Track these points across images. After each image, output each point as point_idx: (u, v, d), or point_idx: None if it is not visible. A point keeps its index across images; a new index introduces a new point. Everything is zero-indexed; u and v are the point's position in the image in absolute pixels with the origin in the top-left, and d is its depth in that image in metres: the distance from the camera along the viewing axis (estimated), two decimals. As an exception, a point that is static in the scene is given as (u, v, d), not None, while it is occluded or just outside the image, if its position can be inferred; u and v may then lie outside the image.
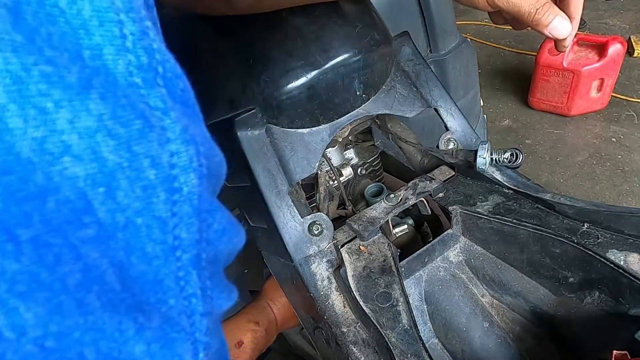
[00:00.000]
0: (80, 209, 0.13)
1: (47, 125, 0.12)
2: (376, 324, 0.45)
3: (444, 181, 0.58)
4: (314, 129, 0.53)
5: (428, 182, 0.57)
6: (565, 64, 1.95)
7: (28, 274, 0.12)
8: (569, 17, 0.43)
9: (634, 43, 2.40)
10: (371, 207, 0.55)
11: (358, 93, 0.53)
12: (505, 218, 0.50)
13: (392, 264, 0.50)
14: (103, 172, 0.14)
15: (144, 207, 0.15)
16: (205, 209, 0.17)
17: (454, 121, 0.59)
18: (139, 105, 0.15)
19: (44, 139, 0.12)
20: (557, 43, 0.45)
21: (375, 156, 0.72)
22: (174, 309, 0.16)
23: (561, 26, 0.42)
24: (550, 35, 0.43)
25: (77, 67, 0.13)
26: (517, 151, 0.53)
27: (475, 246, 0.54)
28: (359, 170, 0.70)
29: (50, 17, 0.13)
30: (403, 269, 0.51)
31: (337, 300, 0.51)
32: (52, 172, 0.13)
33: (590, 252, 0.44)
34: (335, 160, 0.67)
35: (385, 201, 0.55)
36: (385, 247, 0.52)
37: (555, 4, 0.43)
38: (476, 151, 0.54)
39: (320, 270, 0.51)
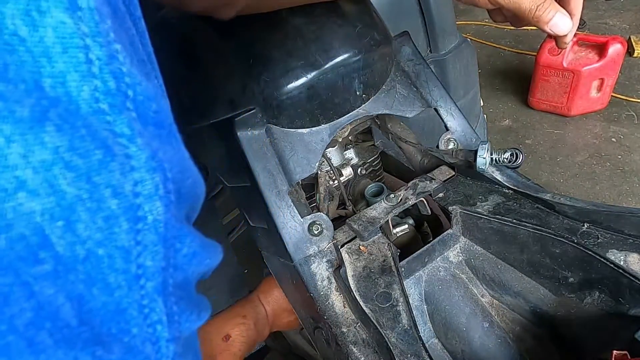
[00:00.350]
0: (35, 245, 0.13)
1: None
2: (376, 324, 0.45)
3: (444, 181, 0.58)
4: (314, 129, 0.53)
5: (428, 182, 0.57)
6: (565, 64, 1.95)
7: None
8: (570, 14, 0.43)
9: (634, 43, 2.40)
10: (371, 207, 0.55)
11: (358, 93, 0.53)
12: (505, 218, 0.50)
13: (392, 264, 0.50)
14: (61, 205, 0.13)
15: (105, 237, 0.15)
16: (173, 235, 0.17)
17: (454, 121, 0.59)
18: (102, 133, 0.14)
19: None
20: (558, 40, 0.45)
21: (375, 156, 0.72)
22: (137, 338, 0.16)
23: (562, 23, 0.42)
24: (551, 32, 0.43)
25: (32, 99, 0.13)
26: (517, 151, 0.53)
27: (475, 246, 0.54)
28: (359, 170, 0.70)
29: (8, 47, 0.13)
30: (403, 269, 0.51)
31: (337, 300, 0.51)
32: (5, 209, 0.12)
33: (590, 252, 0.44)
34: (335, 160, 0.67)
35: (385, 201, 0.55)
36: (385, 247, 0.52)
37: (555, 0, 0.43)
38: (476, 151, 0.54)
39: (320, 270, 0.51)
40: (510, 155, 0.53)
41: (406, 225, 0.61)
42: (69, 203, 0.14)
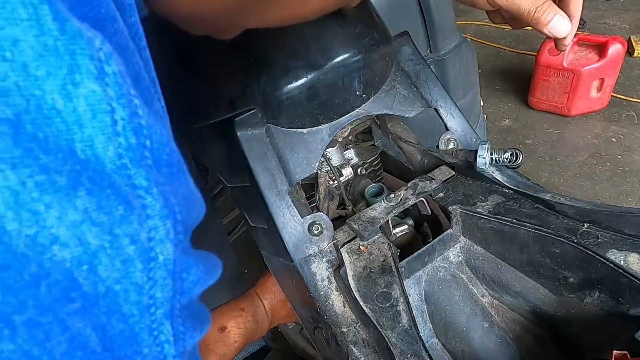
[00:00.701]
0: (67, 287, 0.15)
1: (39, 223, 0.14)
2: (376, 324, 0.45)
3: (444, 181, 0.58)
4: (313, 129, 0.53)
5: (428, 182, 0.57)
6: (565, 64, 1.95)
7: (21, 352, 0.14)
8: (569, 16, 0.43)
9: (634, 43, 2.40)
10: (371, 207, 0.55)
11: (358, 93, 0.53)
12: (505, 218, 0.50)
13: (392, 264, 0.50)
14: (87, 253, 0.16)
15: (122, 276, 0.17)
16: (180, 268, 0.19)
17: (454, 121, 0.59)
18: (124, 189, 0.17)
19: (36, 234, 0.14)
20: (557, 42, 0.45)
21: (375, 156, 0.72)
22: (148, 356, 0.18)
23: (561, 25, 0.42)
24: (550, 34, 0.43)
25: (68, 166, 0.15)
26: (517, 151, 0.53)
27: (475, 246, 0.54)
28: (359, 170, 0.70)
29: (47, 120, 0.15)
30: (403, 269, 0.51)
31: (337, 300, 0.51)
32: (43, 260, 0.15)
33: (590, 252, 0.44)
34: (335, 160, 0.67)
35: (385, 201, 0.55)
36: (385, 247, 0.52)
37: (555, 2, 0.43)
38: (476, 151, 0.54)
39: (320, 270, 0.51)
40: (510, 155, 0.53)
41: (406, 226, 0.61)
42: (93, 251, 0.16)
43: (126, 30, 0.19)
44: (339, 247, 0.52)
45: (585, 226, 0.47)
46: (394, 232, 0.59)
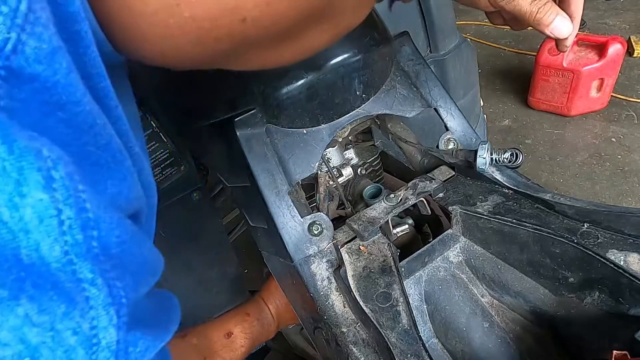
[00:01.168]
0: None
1: None
2: (376, 324, 0.45)
3: (444, 181, 0.58)
4: (313, 129, 0.53)
5: (428, 182, 0.57)
6: (565, 64, 1.96)
7: None
8: (570, 17, 0.43)
9: (634, 43, 2.40)
10: (371, 207, 0.55)
11: (358, 93, 0.53)
12: (505, 218, 0.50)
13: (392, 264, 0.50)
14: (28, 349, 0.17)
15: None
16: (125, 345, 0.20)
17: (454, 121, 0.59)
18: (67, 286, 0.17)
19: None
20: (558, 43, 0.45)
21: (375, 156, 0.72)
22: None
23: (562, 26, 0.42)
24: (552, 35, 0.43)
25: (13, 275, 0.16)
26: (517, 151, 0.53)
27: (475, 246, 0.54)
28: (359, 170, 0.70)
29: None
30: (403, 269, 0.51)
31: (337, 300, 0.51)
32: None
33: (590, 252, 0.44)
34: (335, 161, 0.67)
35: (385, 201, 0.55)
36: (385, 247, 0.52)
37: (555, 3, 0.43)
38: (476, 151, 0.54)
39: (320, 270, 0.51)
40: (510, 155, 0.53)
41: (406, 226, 0.61)
42: (35, 346, 0.17)
43: (96, 107, 0.20)
44: (339, 247, 0.52)
45: (585, 226, 0.47)
46: (394, 232, 0.59)
